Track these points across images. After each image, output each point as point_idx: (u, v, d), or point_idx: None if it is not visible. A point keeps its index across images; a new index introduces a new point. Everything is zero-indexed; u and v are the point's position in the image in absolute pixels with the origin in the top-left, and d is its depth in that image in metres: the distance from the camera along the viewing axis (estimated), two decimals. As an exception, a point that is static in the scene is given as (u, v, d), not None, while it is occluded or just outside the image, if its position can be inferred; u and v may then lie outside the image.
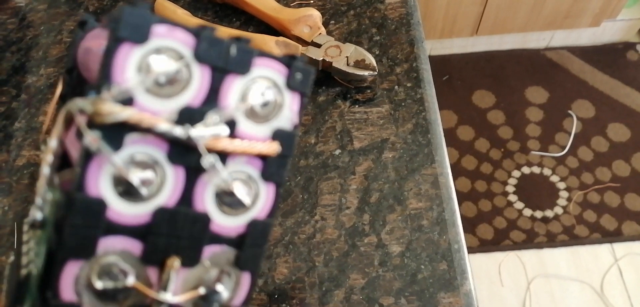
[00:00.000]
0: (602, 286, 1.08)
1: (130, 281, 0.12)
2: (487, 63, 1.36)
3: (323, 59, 0.35)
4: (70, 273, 0.12)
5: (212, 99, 0.13)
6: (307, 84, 0.15)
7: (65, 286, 0.12)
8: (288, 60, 0.14)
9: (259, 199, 0.14)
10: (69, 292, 0.11)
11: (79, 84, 0.19)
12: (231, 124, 0.13)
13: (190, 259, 0.13)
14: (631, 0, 1.29)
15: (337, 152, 0.34)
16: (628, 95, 1.28)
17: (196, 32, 0.12)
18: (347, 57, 0.35)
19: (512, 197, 1.18)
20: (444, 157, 0.34)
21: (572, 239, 1.12)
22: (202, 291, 0.13)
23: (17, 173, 0.34)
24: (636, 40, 1.38)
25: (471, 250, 1.13)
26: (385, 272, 0.30)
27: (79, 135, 0.12)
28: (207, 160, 0.13)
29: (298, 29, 0.36)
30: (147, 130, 0.12)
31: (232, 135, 0.13)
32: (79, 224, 0.11)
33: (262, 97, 0.14)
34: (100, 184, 0.12)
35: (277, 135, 0.14)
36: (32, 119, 0.36)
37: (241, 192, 0.14)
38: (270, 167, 0.14)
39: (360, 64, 0.35)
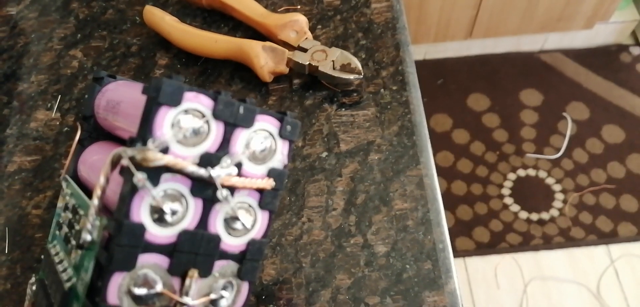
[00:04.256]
0: (599, 287, 1.08)
1: (160, 288, 0.15)
2: (482, 66, 1.37)
3: (309, 63, 0.35)
4: (116, 282, 0.15)
5: (224, 146, 0.16)
6: (295, 134, 0.18)
7: (111, 292, 0.15)
8: (280, 116, 0.18)
9: (257, 223, 0.18)
10: (113, 297, 0.15)
11: (96, 129, 0.23)
12: (238, 165, 0.17)
13: (205, 271, 0.16)
14: (623, 2, 1.30)
15: (324, 154, 0.35)
16: (622, 97, 1.29)
17: (214, 97, 0.16)
18: (333, 61, 0.35)
19: (508, 200, 1.19)
20: (429, 158, 0.34)
21: (568, 241, 1.13)
22: (212, 296, 0.17)
23: (8, 179, 0.35)
24: (629, 42, 1.38)
25: (467, 253, 1.13)
26: (371, 272, 0.31)
27: (123, 173, 0.15)
28: (222, 194, 0.16)
29: (284, 34, 0.37)
30: (178, 171, 0.15)
31: (239, 174, 0.17)
32: (125, 244, 0.14)
33: (261, 145, 0.17)
34: (141, 213, 0.15)
35: (272, 173, 0.18)
36: (24, 126, 0.37)
37: (244, 218, 0.17)
38: (266, 198, 0.18)
39: (346, 67, 0.35)
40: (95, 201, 0.16)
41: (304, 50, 0.36)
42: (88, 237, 0.15)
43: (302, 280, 0.30)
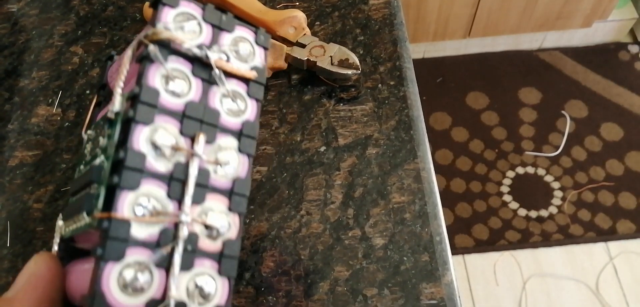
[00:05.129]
0: (598, 284, 1.09)
1: (174, 141, 0.18)
2: (481, 65, 1.37)
3: (307, 59, 0.36)
4: (139, 133, 0.18)
5: (214, 43, 0.20)
6: (268, 43, 0.22)
7: (136, 142, 0.18)
8: (254, 29, 0.22)
9: (248, 108, 0.21)
10: (138, 145, 0.18)
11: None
12: (227, 58, 0.20)
13: (210, 138, 0.20)
14: (622, 1, 1.30)
15: (322, 149, 0.35)
16: (620, 95, 1.30)
17: (202, 6, 0.20)
18: (331, 56, 0.36)
19: (507, 198, 1.19)
20: (426, 152, 0.34)
21: (567, 238, 1.13)
22: (219, 157, 0.20)
23: (10, 173, 0.35)
24: (628, 40, 1.39)
25: (466, 250, 1.13)
26: (369, 264, 0.31)
27: (139, 60, 0.19)
28: (216, 73, 0.20)
29: (283, 30, 0.37)
30: (179, 50, 0.19)
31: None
32: (145, 102, 0.18)
33: (243, 46, 0.21)
34: (155, 81, 0.18)
35: (254, 69, 0.21)
36: (25, 121, 0.37)
37: (237, 100, 0.20)
38: (252, 89, 0.21)
39: (344, 63, 0.36)
40: (121, 83, 0.20)
41: (303, 46, 0.36)
42: (116, 107, 0.19)
43: (300, 272, 0.31)
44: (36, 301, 0.18)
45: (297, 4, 0.41)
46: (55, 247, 0.22)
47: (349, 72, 0.35)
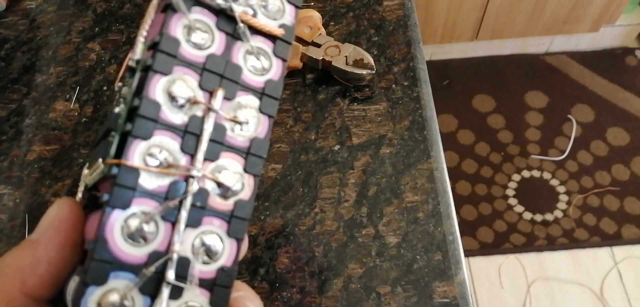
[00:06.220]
0: (602, 289, 1.08)
1: (191, 94, 0.18)
2: (487, 68, 1.37)
3: (323, 59, 0.36)
4: (155, 82, 0.17)
5: None
6: (300, 0, 0.21)
7: (152, 91, 0.17)
8: None
9: (272, 67, 0.20)
10: (153, 94, 0.17)
11: None
12: (253, 12, 0.20)
13: (230, 94, 0.19)
14: (630, 5, 1.30)
15: (336, 147, 0.35)
16: (627, 100, 1.30)
17: None
18: (346, 56, 0.36)
19: (512, 201, 1.19)
20: (440, 152, 0.35)
21: (572, 243, 1.13)
22: (238, 116, 0.19)
23: (28, 167, 0.36)
24: (635, 45, 1.39)
25: (471, 253, 1.13)
26: (382, 262, 0.31)
27: (163, 9, 0.18)
28: (240, 27, 0.19)
29: (299, 30, 0.37)
30: (205, 5, 0.18)
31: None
32: (165, 51, 0.17)
33: (272, 2, 0.20)
34: (177, 31, 0.18)
35: (282, 26, 0.20)
36: (42, 116, 0.38)
37: (261, 58, 0.20)
38: (279, 47, 0.20)
39: (358, 63, 0.36)
40: (143, 32, 0.19)
41: (318, 45, 0.37)
42: (137, 55, 0.19)
43: (315, 269, 0.31)
44: (59, 243, 0.18)
45: (312, 4, 0.42)
46: (79, 195, 0.22)
47: (364, 72, 0.36)
